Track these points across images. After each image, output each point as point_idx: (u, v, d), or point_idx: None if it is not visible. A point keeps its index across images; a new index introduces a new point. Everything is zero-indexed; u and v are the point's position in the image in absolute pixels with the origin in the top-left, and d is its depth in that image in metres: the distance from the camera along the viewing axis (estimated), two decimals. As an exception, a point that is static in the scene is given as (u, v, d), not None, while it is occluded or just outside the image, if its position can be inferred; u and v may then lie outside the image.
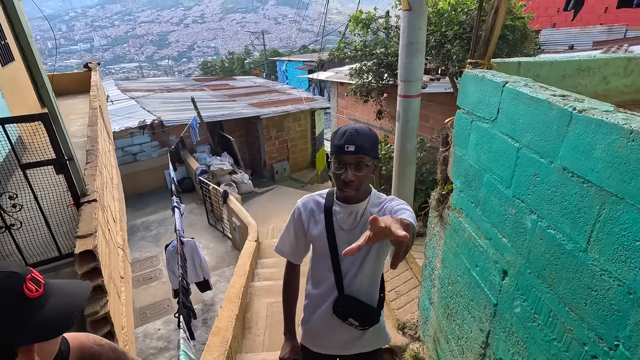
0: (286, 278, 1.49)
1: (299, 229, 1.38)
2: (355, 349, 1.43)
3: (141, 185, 8.74)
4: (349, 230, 1.29)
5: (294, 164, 11.64)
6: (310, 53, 24.08)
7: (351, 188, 1.20)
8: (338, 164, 1.20)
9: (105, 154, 3.34)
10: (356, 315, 1.32)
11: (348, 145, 1.16)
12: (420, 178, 5.24)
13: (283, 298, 1.49)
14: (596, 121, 0.99)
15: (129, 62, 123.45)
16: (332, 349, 1.45)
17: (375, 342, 1.46)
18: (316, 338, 1.46)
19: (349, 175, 1.18)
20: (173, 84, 13.96)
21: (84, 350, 1.05)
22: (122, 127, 7.97)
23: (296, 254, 1.44)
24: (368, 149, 1.18)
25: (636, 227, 0.89)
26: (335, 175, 1.23)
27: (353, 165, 1.18)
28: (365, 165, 1.19)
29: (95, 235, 1.69)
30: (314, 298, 1.41)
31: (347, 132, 1.18)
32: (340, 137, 1.19)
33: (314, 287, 1.42)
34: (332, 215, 1.31)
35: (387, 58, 5.68)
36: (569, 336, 1.15)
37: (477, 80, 1.66)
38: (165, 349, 4.63)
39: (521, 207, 1.36)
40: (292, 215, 1.39)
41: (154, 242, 6.92)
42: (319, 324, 1.42)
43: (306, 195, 1.41)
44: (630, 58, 2.12)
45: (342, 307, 1.33)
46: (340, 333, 1.40)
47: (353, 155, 1.16)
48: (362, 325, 1.33)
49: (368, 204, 1.30)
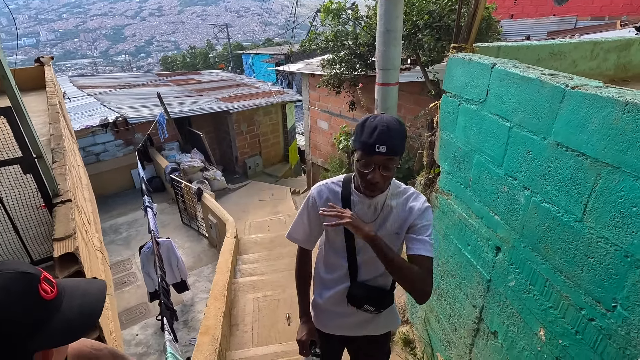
0: (299, 263, 1.46)
1: (313, 218, 1.33)
2: (366, 332, 1.43)
3: (107, 187, 8.28)
4: (369, 222, 1.25)
5: (267, 158, 11.50)
6: (275, 46, 23.72)
7: (377, 189, 1.14)
8: (365, 163, 1.09)
9: (71, 153, 3.12)
10: (372, 301, 1.30)
11: (379, 146, 1.04)
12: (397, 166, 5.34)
13: (297, 282, 1.46)
14: (590, 96, 1.04)
15: (81, 57, 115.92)
16: (342, 330, 1.44)
17: (387, 325, 1.46)
18: (326, 320, 1.44)
19: (377, 177, 1.09)
20: (135, 80, 13.29)
21: (82, 355, 0.97)
22: (82, 125, 7.48)
23: (309, 241, 1.41)
24: (400, 149, 1.08)
25: (633, 194, 0.94)
26: (360, 174, 1.14)
27: (382, 167, 1.08)
28: (395, 166, 1.10)
29: (74, 237, 1.57)
30: (326, 282, 1.39)
31: (379, 128, 1.05)
32: (370, 134, 1.06)
33: (326, 272, 1.39)
34: (350, 206, 1.25)
35: (358, 48, 5.70)
36: (565, 303, 1.21)
37: (463, 64, 1.70)
38: (145, 355, 4.46)
39: (514, 184, 1.41)
40: (306, 202, 1.34)
41: (124, 245, 6.60)
42: (329, 306, 1.40)
43: (321, 183, 1.34)
44: (596, 42, 2.25)
45: (355, 296, 1.30)
46: (351, 316, 1.39)
47: (383, 157, 1.06)
48: (377, 310, 1.32)
49: (388, 195, 1.24)
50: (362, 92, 6.25)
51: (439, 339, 2.22)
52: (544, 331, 1.32)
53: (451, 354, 2.07)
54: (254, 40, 63.83)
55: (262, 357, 2.70)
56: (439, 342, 2.21)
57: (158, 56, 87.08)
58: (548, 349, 1.30)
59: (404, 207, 1.24)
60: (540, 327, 1.34)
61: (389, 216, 1.25)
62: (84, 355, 0.98)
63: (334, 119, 7.75)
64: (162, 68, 37.68)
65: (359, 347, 1.54)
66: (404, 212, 1.24)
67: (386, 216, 1.25)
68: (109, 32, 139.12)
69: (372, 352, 1.54)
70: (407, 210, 1.23)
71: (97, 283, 0.77)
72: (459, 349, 1.98)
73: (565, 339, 1.22)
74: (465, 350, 1.91)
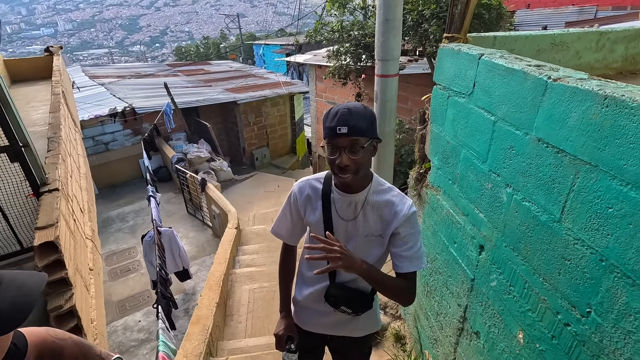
0: (282, 258, 1.46)
1: (295, 214, 1.32)
2: (344, 332, 1.41)
3: (115, 176, 8.42)
4: (349, 220, 1.22)
5: (274, 150, 11.49)
6: (287, 36, 23.55)
7: (348, 173, 1.10)
8: (331, 148, 1.09)
9: (71, 142, 3.15)
10: (349, 303, 1.27)
11: (340, 127, 1.04)
12: (400, 159, 5.26)
13: (279, 277, 1.46)
14: (571, 89, 0.97)
15: (97, 48, 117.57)
16: (320, 328, 1.43)
17: (366, 328, 1.42)
18: (305, 317, 1.43)
19: (344, 160, 1.07)
20: (144, 70, 13.40)
21: (45, 345, 0.98)
22: (91, 115, 7.59)
23: (293, 237, 1.40)
24: (363, 129, 1.06)
25: (609, 195, 0.88)
26: (329, 161, 1.12)
27: (348, 149, 1.06)
28: (361, 148, 1.07)
29: (56, 226, 1.59)
30: (306, 279, 1.38)
31: (339, 112, 1.06)
32: (332, 118, 1.07)
33: (307, 270, 1.38)
34: (330, 203, 1.22)
35: (364, 39, 5.58)
36: (543, 306, 1.16)
37: (453, 54, 1.63)
38: (147, 341, 4.55)
39: (497, 181, 1.35)
40: (288, 199, 1.32)
41: (130, 234, 6.72)
42: (307, 303, 1.39)
43: (302, 179, 1.32)
44: (602, 32, 2.13)
45: (333, 296, 1.28)
46: (330, 315, 1.37)
47: (347, 138, 1.05)
48: (355, 312, 1.29)
49: (369, 192, 1.20)
50: (365, 83, 6.15)
51: (427, 336, 2.19)
52: (522, 334, 1.27)
53: (438, 352, 2.03)
54: (266, 30, 63.54)
55: (252, 348, 2.71)
56: (427, 340, 2.18)
57: (172, 46, 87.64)
58: (526, 352, 1.26)
59: (388, 210, 1.19)
60: (519, 329, 1.29)
61: (371, 215, 1.20)
62: (48, 345, 0.98)
63: (340, 111, 7.66)
64: (176, 58, 37.92)
65: (337, 345, 1.52)
66: (388, 215, 1.18)
67: (367, 215, 1.20)
68: (125, 22, 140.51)
69: (351, 352, 1.52)
70: (391, 214, 1.18)
71: (37, 276, 0.76)
72: (444, 348, 1.94)
73: (542, 343, 1.17)
74: (450, 349, 1.87)
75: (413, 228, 1.18)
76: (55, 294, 1.45)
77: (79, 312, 1.49)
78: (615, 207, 0.87)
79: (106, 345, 1.86)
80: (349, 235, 1.23)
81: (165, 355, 2.43)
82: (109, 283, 5.48)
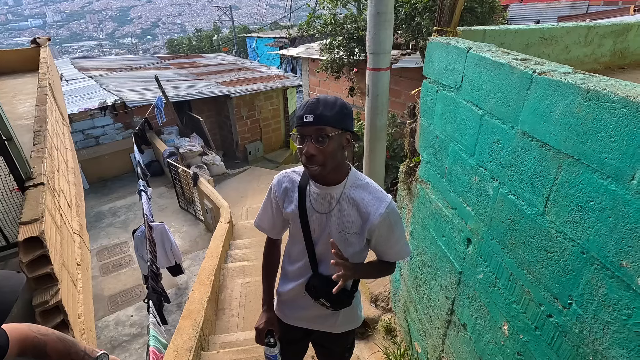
0: (266, 252, 1.46)
1: (275, 207, 1.32)
2: (324, 327, 1.41)
3: (106, 170, 8.33)
4: (323, 213, 1.21)
5: (268, 144, 11.45)
6: (281, 29, 23.32)
7: (314, 163, 1.08)
8: (300, 137, 1.10)
9: (58, 136, 3.10)
10: (327, 296, 1.27)
11: (307, 115, 1.05)
12: (392, 154, 5.27)
13: (262, 271, 1.46)
14: (555, 82, 0.98)
15: (87, 40, 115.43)
16: (301, 322, 1.43)
17: (345, 325, 1.43)
18: (287, 310, 1.43)
19: (310, 149, 1.06)
20: (135, 62, 13.20)
21: (27, 341, 0.97)
22: (80, 108, 7.48)
23: (275, 230, 1.40)
24: (330, 118, 1.05)
25: (590, 188, 0.89)
26: (298, 150, 1.12)
27: (314, 137, 1.06)
28: (327, 137, 1.05)
29: (41, 221, 1.56)
30: (289, 273, 1.38)
31: (309, 102, 1.08)
32: (301, 108, 1.08)
33: (290, 264, 1.38)
34: (305, 195, 1.22)
35: (357, 32, 5.55)
36: (527, 298, 1.17)
37: (442, 48, 1.62)
38: (139, 335, 4.55)
39: (484, 174, 1.36)
40: (269, 192, 1.33)
41: (122, 228, 6.67)
42: (290, 297, 1.39)
43: (282, 172, 1.32)
44: (590, 27, 2.14)
45: (314, 287, 1.28)
46: (310, 309, 1.37)
47: (312, 127, 1.05)
48: (333, 307, 1.29)
49: (345, 186, 1.19)
50: (357, 77, 6.13)
51: (416, 328, 2.21)
52: (507, 325, 1.29)
53: (427, 343, 2.06)
54: (260, 23, 62.83)
55: (244, 342, 2.72)
56: (417, 332, 2.20)
57: (164, 39, 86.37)
58: (510, 343, 1.28)
59: (364, 206, 1.17)
60: (504, 321, 1.31)
61: (346, 210, 1.19)
62: (30, 341, 0.97)
63: (333, 105, 7.64)
64: (168, 51, 37.39)
65: (318, 339, 1.53)
66: (365, 212, 1.17)
67: (343, 210, 1.19)
68: (115, 14, 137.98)
69: (331, 346, 1.53)
70: (367, 212, 1.17)
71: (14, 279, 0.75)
72: (433, 340, 1.97)
73: (525, 334, 1.19)
74: (438, 340, 1.90)
75: (393, 227, 1.18)
76: (41, 290, 1.44)
77: (65, 308, 1.48)
78: (596, 200, 0.88)
79: (95, 341, 1.85)
80: (323, 229, 1.23)
81: (156, 350, 2.43)
82: (101, 278, 5.45)
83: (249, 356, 2.45)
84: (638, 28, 2.27)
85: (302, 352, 1.59)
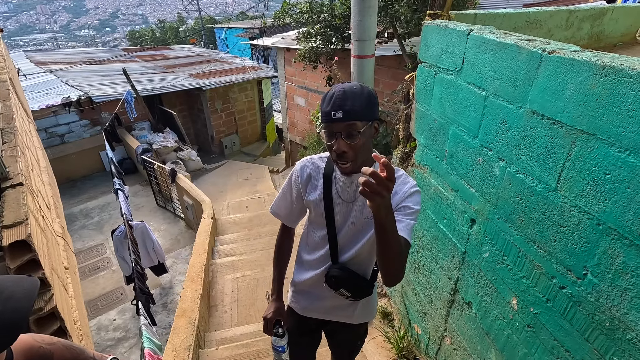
0: (279, 241, 1.42)
1: (295, 193, 1.28)
2: (340, 318, 1.39)
3: (74, 170, 7.88)
4: (349, 201, 1.18)
5: (244, 137, 11.23)
6: (249, 20, 22.74)
7: (346, 160, 1.05)
8: (328, 134, 1.04)
9: (26, 134, 2.89)
10: (348, 286, 1.25)
11: (335, 112, 0.99)
12: (375, 142, 5.31)
13: (274, 260, 1.42)
14: (568, 60, 1.00)
15: (39, 32, 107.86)
16: (317, 313, 1.40)
17: (362, 316, 1.41)
18: (303, 301, 1.40)
19: (341, 146, 1.02)
20: (98, 55, 12.48)
21: (32, 351, 0.90)
22: (42, 105, 6.99)
23: (291, 218, 1.36)
24: (360, 113, 1.01)
25: (606, 162, 0.92)
26: (328, 147, 1.08)
27: (344, 134, 1.01)
28: (358, 132, 1.01)
29: (26, 223, 1.45)
30: (307, 263, 1.34)
31: (335, 95, 1.01)
32: (327, 103, 1.02)
33: (308, 253, 1.34)
34: (331, 182, 1.19)
35: (334, 21, 5.50)
36: (537, 272, 1.22)
37: (439, 31, 1.62)
38: (124, 339, 4.39)
39: (489, 155, 1.38)
40: (290, 177, 1.29)
41: (97, 230, 6.36)
42: (307, 287, 1.36)
43: (306, 158, 1.28)
44: (571, 11, 2.22)
45: (334, 277, 1.25)
46: (328, 300, 1.34)
47: (342, 123, 1.00)
48: (354, 297, 1.27)
49: None
50: (338, 66, 6.09)
51: (415, 311, 2.25)
52: (516, 300, 1.34)
53: (427, 324, 2.11)
54: (227, 13, 61.03)
55: (241, 336, 2.68)
56: (416, 314, 2.25)
57: (125, 31, 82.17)
58: (520, 317, 1.32)
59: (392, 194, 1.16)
60: (512, 296, 1.35)
61: None
62: (35, 352, 0.91)
63: (311, 95, 7.58)
64: (130, 43, 35.64)
65: (332, 330, 1.50)
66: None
67: None
68: (69, 4, 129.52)
69: (346, 336, 1.51)
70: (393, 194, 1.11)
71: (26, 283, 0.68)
72: (434, 320, 2.01)
73: (536, 307, 1.24)
74: (441, 320, 1.95)
75: (413, 204, 1.13)
76: (33, 296, 1.33)
77: (61, 314, 1.38)
78: (613, 173, 0.91)
79: (92, 347, 1.76)
80: (347, 217, 1.21)
81: (151, 351, 2.35)
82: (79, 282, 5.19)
83: (249, 350, 2.42)
84: (612, 12, 2.38)
85: (315, 344, 1.57)
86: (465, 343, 1.72)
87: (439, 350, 2.01)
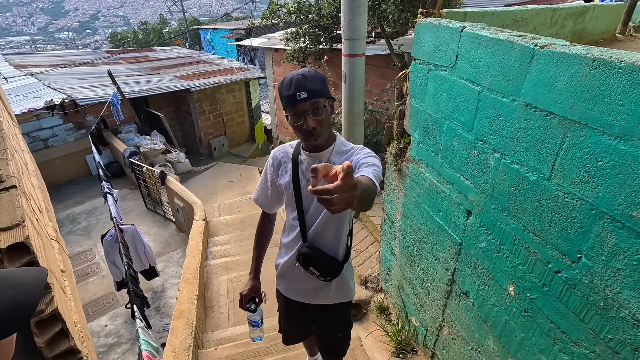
0: (259, 225, 1.54)
1: (270, 180, 1.40)
2: (319, 300, 1.47)
3: (59, 175, 7.70)
4: None
5: (233, 138, 11.15)
6: (235, 20, 22.60)
7: (317, 136, 1.17)
8: (294, 115, 1.14)
9: (13, 137, 2.82)
10: (317, 265, 1.33)
11: (300, 93, 1.10)
12: (365, 140, 5.36)
13: (255, 242, 1.54)
14: (559, 54, 1.05)
15: (16, 35, 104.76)
16: (297, 295, 1.50)
17: (338, 296, 1.48)
18: (284, 284, 1.52)
19: (311, 123, 1.13)
20: (80, 58, 12.22)
21: None
22: (24, 109, 6.82)
23: (270, 204, 1.47)
24: (320, 91, 1.13)
25: (598, 149, 0.97)
26: (295, 128, 1.18)
27: (311, 112, 1.13)
28: (323, 108, 1.14)
29: (23, 225, 1.43)
30: (284, 246, 1.45)
31: (294, 79, 1.12)
32: (289, 87, 1.12)
33: (285, 236, 1.45)
34: (298, 164, 1.30)
35: (322, 21, 5.53)
36: (533, 258, 1.27)
37: (432, 29, 1.67)
38: (117, 345, 4.32)
39: (484, 147, 1.43)
40: (266, 165, 1.41)
41: (85, 235, 6.24)
42: (285, 270, 1.47)
43: (279, 146, 1.40)
44: (555, 9, 2.30)
45: (303, 255, 1.33)
46: (304, 281, 1.43)
47: (308, 101, 1.11)
48: (323, 275, 1.34)
49: (332, 152, 1.26)
50: (327, 65, 6.13)
51: (412, 303, 2.30)
52: (513, 287, 1.38)
53: (425, 316, 2.15)
54: (211, 15, 60.47)
55: (240, 336, 2.68)
56: (413, 307, 2.29)
57: (106, 32, 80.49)
58: (517, 303, 1.37)
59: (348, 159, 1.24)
60: (509, 283, 1.40)
61: None
62: None
63: (300, 95, 7.58)
64: (111, 46, 34.91)
65: (314, 315, 1.57)
66: None
67: None
68: (47, 6, 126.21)
69: (326, 322, 1.59)
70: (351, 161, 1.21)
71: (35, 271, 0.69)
72: (432, 311, 2.06)
73: (532, 292, 1.29)
74: (438, 312, 1.99)
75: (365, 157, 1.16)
76: (33, 299, 1.31)
77: (62, 316, 1.37)
78: (604, 160, 0.96)
79: (93, 348, 1.74)
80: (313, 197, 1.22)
81: (149, 354, 2.33)
82: (66, 290, 5.08)
83: (248, 349, 2.42)
84: (593, 10, 2.47)
85: (306, 328, 1.67)
86: (463, 332, 1.76)
87: (436, 341, 2.06)
